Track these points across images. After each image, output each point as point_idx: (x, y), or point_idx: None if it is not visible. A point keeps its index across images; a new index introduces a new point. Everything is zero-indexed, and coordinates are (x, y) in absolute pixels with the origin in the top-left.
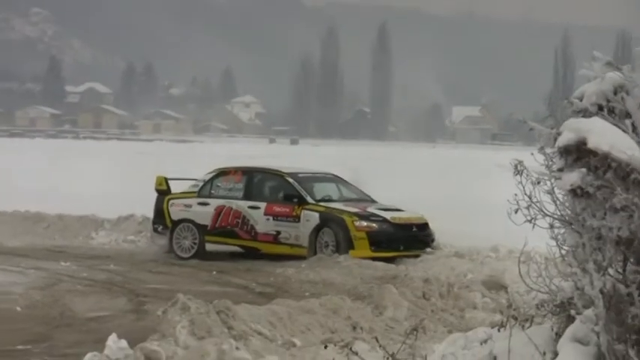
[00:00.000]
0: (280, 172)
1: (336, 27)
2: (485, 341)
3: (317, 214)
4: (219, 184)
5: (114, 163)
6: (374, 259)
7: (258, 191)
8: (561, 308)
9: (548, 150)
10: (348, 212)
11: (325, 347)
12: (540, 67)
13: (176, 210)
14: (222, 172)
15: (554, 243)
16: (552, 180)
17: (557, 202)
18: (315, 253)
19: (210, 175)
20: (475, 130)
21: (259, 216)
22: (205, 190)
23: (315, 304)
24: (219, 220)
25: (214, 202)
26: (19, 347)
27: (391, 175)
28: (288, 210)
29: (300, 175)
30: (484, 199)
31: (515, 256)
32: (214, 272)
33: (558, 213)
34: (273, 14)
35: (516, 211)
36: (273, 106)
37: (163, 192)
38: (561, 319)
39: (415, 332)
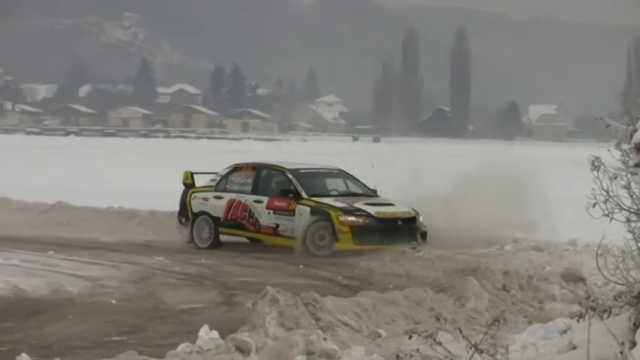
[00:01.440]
0: (283, 167)
1: (417, 29)
2: (565, 332)
3: (308, 209)
4: (232, 179)
5: (204, 160)
6: (359, 251)
7: (263, 186)
8: (639, 299)
9: (625, 146)
10: (335, 207)
11: (409, 338)
12: (614, 67)
13: (196, 203)
14: (236, 168)
15: (630, 236)
16: (629, 175)
17: (634, 197)
18: (305, 246)
19: (227, 171)
20: (551, 128)
21: (262, 209)
22: (221, 184)
23: (399, 296)
24: (230, 212)
25: (227, 196)
26: (115, 338)
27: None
28: (285, 204)
29: (302, 170)
30: (562, 194)
31: (592, 250)
32: (301, 266)
33: (635, 207)
34: (355, 16)
35: (594, 206)
36: (356, 106)
37: (189, 185)
38: (639, 309)
39: (497, 323)
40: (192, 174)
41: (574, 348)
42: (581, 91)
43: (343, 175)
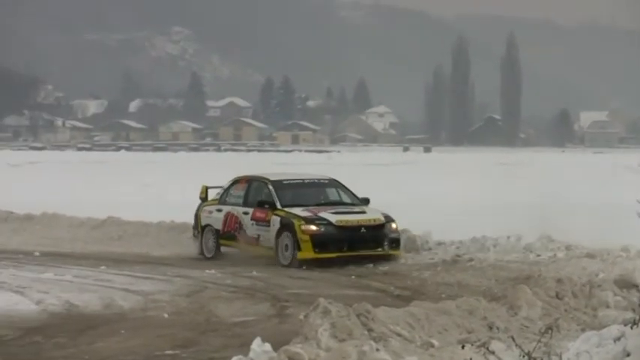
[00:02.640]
0: (266, 179)
1: (467, 37)
2: (619, 339)
3: (279, 219)
4: (232, 192)
5: (254, 173)
6: (319, 260)
7: (251, 198)
8: None
9: None
10: (299, 217)
11: (462, 347)
12: None
13: (204, 216)
14: (235, 181)
15: None
16: None
17: None
18: (277, 256)
19: (229, 184)
20: (603, 135)
21: (248, 221)
22: (223, 197)
23: (451, 305)
24: (226, 224)
25: (225, 209)
26: (168, 352)
27: (518, 179)
28: (263, 215)
29: (286, 182)
30: (614, 200)
31: None
32: (353, 277)
33: None
34: (406, 26)
35: None
36: (406, 116)
37: (203, 200)
38: None
39: (550, 331)
40: (207, 188)
41: (628, 355)
42: (633, 97)
43: (334, 184)
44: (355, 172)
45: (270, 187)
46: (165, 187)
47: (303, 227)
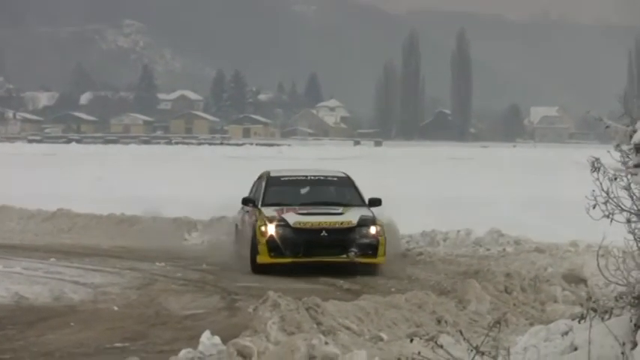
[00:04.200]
0: (268, 174)
1: (417, 32)
2: (567, 333)
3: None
4: (254, 189)
5: (205, 166)
6: (275, 266)
7: (255, 195)
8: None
9: (625, 147)
10: (263, 217)
11: (411, 341)
12: (615, 67)
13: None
14: (258, 177)
15: (631, 237)
16: (629, 176)
17: (634, 198)
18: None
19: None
20: (553, 130)
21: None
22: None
23: (400, 299)
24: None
25: (246, 208)
26: (117, 345)
27: (471, 174)
28: (252, 214)
29: (285, 178)
30: (562, 196)
31: (593, 251)
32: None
33: (635, 208)
34: (356, 21)
35: (594, 207)
36: (357, 110)
37: None
38: None
39: (498, 325)
40: None
41: (575, 349)
42: (583, 92)
43: (341, 182)
44: (304, 166)
45: (264, 182)
46: (115, 180)
47: (262, 229)
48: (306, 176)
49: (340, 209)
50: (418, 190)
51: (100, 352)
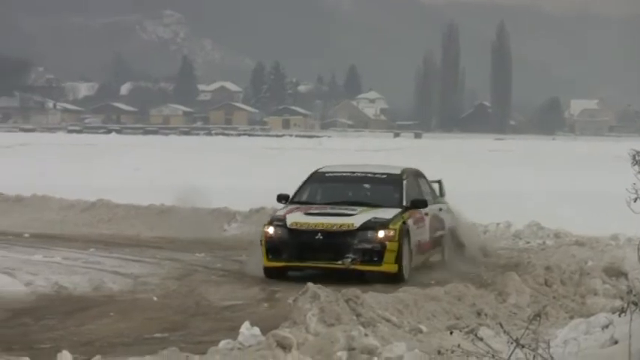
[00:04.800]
0: (317, 170)
1: (456, 24)
2: (607, 326)
3: None
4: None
5: (245, 157)
6: (272, 271)
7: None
8: None
9: None
10: (271, 217)
11: (451, 333)
12: None
13: None
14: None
15: None
16: None
17: None
18: None
19: None
20: (593, 123)
21: None
22: None
23: (440, 291)
24: None
25: None
26: (157, 335)
27: (510, 167)
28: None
29: (330, 173)
30: (603, 189)
31: (634, 244)
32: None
33: None
34: (396, 13)
35: (635, 200)
36: (397, 102)
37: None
38: None
39: (538, 318)
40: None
41: (616, 342)
42: (623, 85)
43: (393, 180)
44: (344, 158)
45: (307, 178)
46: (155, 170)
47: (264, 229)
48: (354, 172)
49: (358, 210)
50: (457, 182)
51: (139, 342)
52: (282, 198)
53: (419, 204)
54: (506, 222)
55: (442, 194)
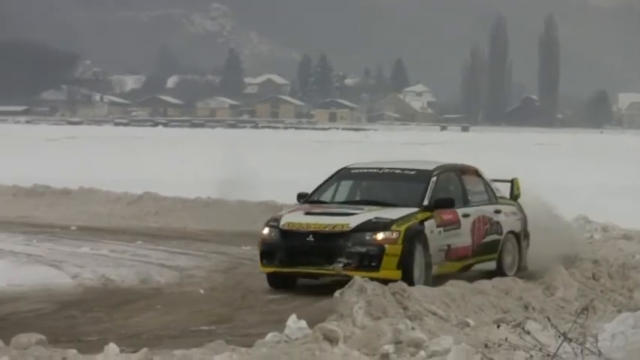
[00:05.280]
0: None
1: (505, 17)
2: None
3: None
4: None
5: (292, 150)
6: (270, 277)
7: None
8: None
9: None
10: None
11: (498, 327)
12: None
13: None
14: None
15: None
16: None
17: None
18: None
19: None
20: None
21: None
22: None
23: (487, 285)
24: None
25: None
26: (203, 328)
27: (558, 160)
28: None
29: (356, 170)
30: None
31: None
32: None
33: None
34: (443, 5)
35: None
36: (444, 95)
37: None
38: None
39: (586, 312)
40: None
41: None
42: None
43: (416, 177)
44: (390, 151)
45: (330, 175)
46: (201, 163)
47: (261, 230)
48: (381, 169)
49: (366, 209)
50: (504, 175)
51: (186, 335)
52: (301, 197)
53: (444, 203)
54: (554, 215)
55: (514, 195)
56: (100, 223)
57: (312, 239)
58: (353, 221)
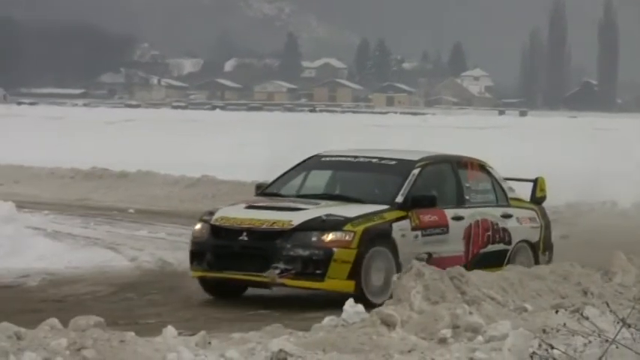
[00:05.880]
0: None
1: (563, 1)
2: None
3: None
4: None
5: (349, 134)
6: (204, 282)
7: None
8: None
9: None
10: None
11: (556, 312)
12: None
13: None
14: None
15: None
16: None
17: None
18: None
19: None
20: None
21: None
22: None
23: (545, 270)
24: None
25: None
26: (260, 311)
27: (616, 145)
28: None
29: (327, 159)
30: None
31: None
32: None
33: None
34: None
35: None
36: (502, 80)
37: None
38: None
39: None
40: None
41: None
42: None
43: (393, 169)
44: (449, 135)
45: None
46: (259, 147)
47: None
48: (356, 158)
49: (322, 204)
50: (562, 160)
51: (244, 319)
52: (259, 188)
53: (424, 201)
54: (611, 201)
55: (537, 197)
56: (157, 206)
57: (245, 238)
58: (298, 218)
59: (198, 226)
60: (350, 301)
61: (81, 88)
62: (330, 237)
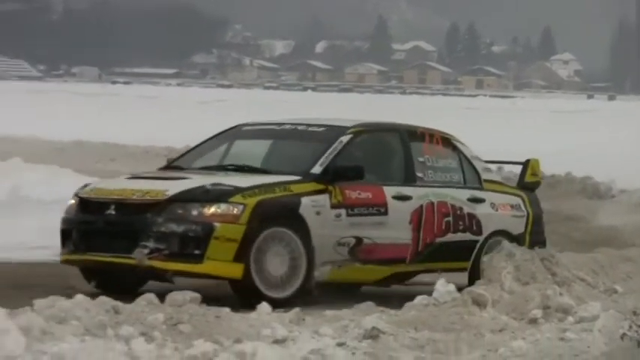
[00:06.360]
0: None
1: None
2: None
3: None
4: None
5: (440, 118)
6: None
7: None
8: None
9: None
10: None
11: None
12: None
13: None
14: None
15: None
16: None
17: None
18: None
19: None
20: None
21: None
22: None
23: (636, 252)
24: None
25: None
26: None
27: None
28: None
29: (248, 128)
30: None
31: None
32: None
33: None
34: None
35: None
36: (591, 64)
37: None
38: None
39: None
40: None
41: None
42: None
43: (322, 137)
44: (539, 118)
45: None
46: None
47: None
48: (281, 124)
49: (219, 174)
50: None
51: (337, 296)
52: (171, 162)
53: (348, 173)
54: None
55: (525, 183)
56: None
57: (112, 212)
58: (174, 187)
59: (70, 202)
60: (441, 281)
61: (174, 67)
62: (212, 209)
